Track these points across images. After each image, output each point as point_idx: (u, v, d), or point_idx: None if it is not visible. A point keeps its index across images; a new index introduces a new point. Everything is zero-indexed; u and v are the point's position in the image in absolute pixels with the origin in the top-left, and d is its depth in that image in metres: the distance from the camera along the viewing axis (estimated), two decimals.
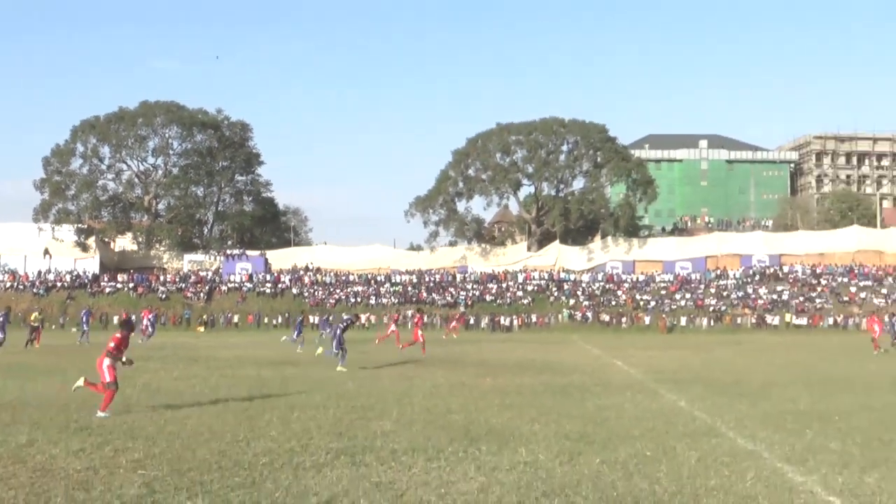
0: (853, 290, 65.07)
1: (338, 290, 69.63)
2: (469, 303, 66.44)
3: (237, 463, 8.74)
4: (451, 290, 69.35)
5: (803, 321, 61.36)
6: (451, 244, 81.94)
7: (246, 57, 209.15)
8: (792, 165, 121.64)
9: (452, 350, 29.39)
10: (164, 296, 68.07)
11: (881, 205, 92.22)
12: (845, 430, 11.24)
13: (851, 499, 7.34)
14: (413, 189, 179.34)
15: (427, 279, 71.32)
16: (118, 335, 13.02)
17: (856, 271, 67.65)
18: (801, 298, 64.54)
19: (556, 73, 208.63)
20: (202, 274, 73.41)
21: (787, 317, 62.10)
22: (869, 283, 66.03)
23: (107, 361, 12.68)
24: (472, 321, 61.77)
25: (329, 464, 8.72)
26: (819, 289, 66.05)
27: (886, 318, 33.63)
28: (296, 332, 34.01)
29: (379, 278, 71.86)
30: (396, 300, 67.30)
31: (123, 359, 12.96)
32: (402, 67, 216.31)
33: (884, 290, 64.54)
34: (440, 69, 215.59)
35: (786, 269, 69.82)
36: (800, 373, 21.65)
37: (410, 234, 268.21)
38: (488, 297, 67.78)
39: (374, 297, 68.12)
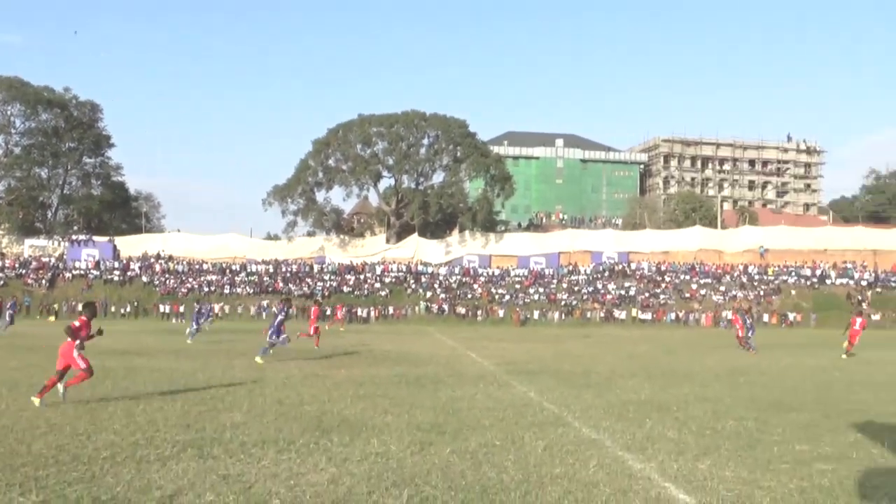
0: (694, 287, 68.45)
1: (190, 279, 67.76)
2: (326, 293, 65.96)
3: (76, 457, 8.37)
4: (309, 280, 68.70)
5: (648, 316, 64.10)
6: (310, 234, 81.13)
7: (98, 37, 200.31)
8: (642, 166, 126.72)
9: (308, 342, 29.05)
10: (1, 282, 64.36)
11: (722, 207, 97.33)
12: (682, 420, 11.80)
13: (685, 484, 7.71)
14: (271, 178, 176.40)
15: (284, 269, 70.37)
16: (84, 318, 12.90)
17: (697, 269, 71.16)
18: (647, 294, 67.37)
19: (418, 67, 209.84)
20: (44, 260, 69.88)
21: (633, 311, 64.70)
22: (709, 280, 69.59)
23: (76, 352, 12.57)
24: (328, 312, 61.36)
25: (175, 457, 8.47)
26: (663, 285, 69.11)
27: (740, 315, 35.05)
28: (195, 323, 33.17)
29: (234, 268, 70.37)
30: (252, 290, 66.12)
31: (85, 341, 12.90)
32: (262, 54, 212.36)
33: (722, 288, 68.21)
34: (302, 58, 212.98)
35: (633, 265, 72.71)
36: (643, 365, 22.56)
37: (268, 224, 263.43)
38: (346, 289, 67.53)
39: (228, 287, 66.64)
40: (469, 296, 67.58)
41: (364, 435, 10.01)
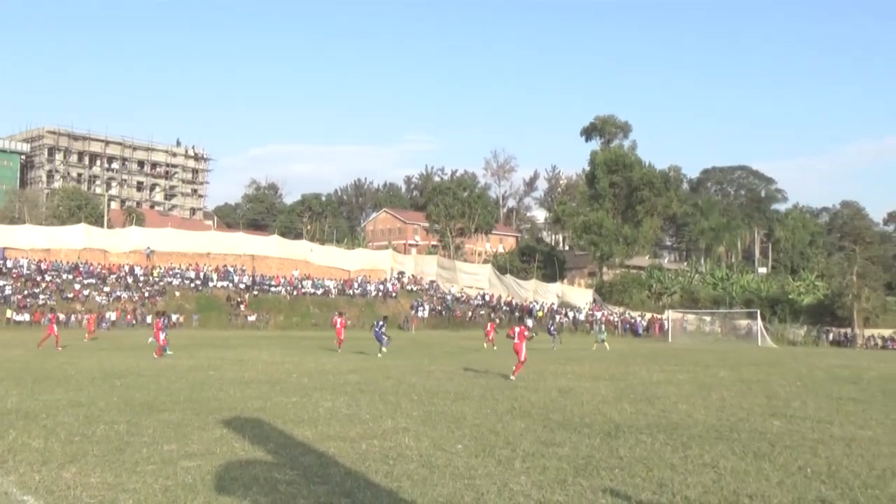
0: (77, 287, 65.86)
1: None
2: None
3: None
4: None
5: (25, 317, 59.91)
6: None
7: None
8: (23, 157, 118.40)
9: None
10: None
11: (109, 205, 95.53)
12: (50, 427, 11.27)
13: (46, 495, 7.39)
14: None
15: None
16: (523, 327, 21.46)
17: (81, 269, 68.63)
18: (25, 294, 62.95)
19: None
20: None
21: (9, 313, 59.91)
22: (93, 280, 67.59)
23: (525, 345, 20.69)
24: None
25: None
26: (44, 284, 65.24)
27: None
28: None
29: None
30: None
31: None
32: None
33: (107, 289, 66.78)
34: None
35: (10, 263, 67.33)
36: (12, 370, 21.05)
37: None
38: None
39: None
40: None
41: None
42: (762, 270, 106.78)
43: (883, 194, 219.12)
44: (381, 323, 33.49)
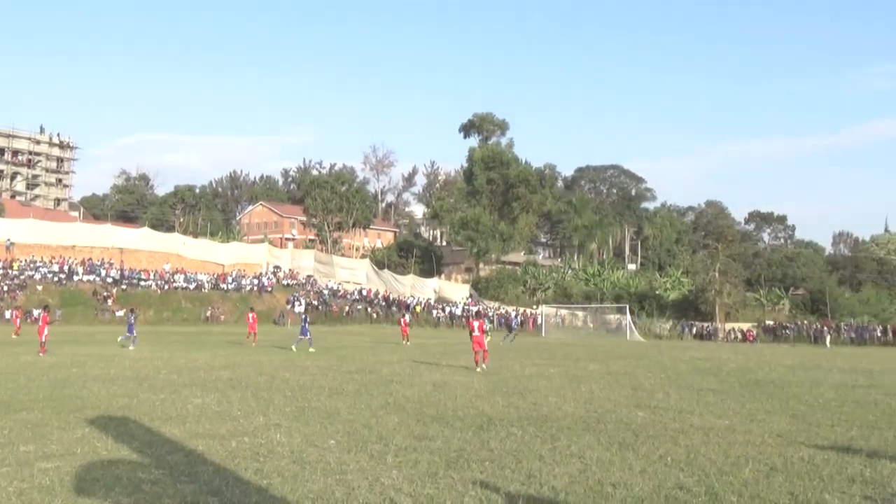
0: None
1: None
2: None
3: None
4: None
5: None
6: None
7: None
8: None
9: None
10: None
11: None
12: None
13: None
14: None
15: None
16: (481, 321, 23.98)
17: None
18: None
19: None
20: None
21: None
22: None
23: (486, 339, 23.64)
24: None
25: None
26: None
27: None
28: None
29: None
30: None
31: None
32: None
33: None
34: None
35: None
36: None
37: None
38: None
39: None
40: None
41: None
42: (631, 267, 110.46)
43: (744, 195, 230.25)
44: (306, 317, 36.66)
